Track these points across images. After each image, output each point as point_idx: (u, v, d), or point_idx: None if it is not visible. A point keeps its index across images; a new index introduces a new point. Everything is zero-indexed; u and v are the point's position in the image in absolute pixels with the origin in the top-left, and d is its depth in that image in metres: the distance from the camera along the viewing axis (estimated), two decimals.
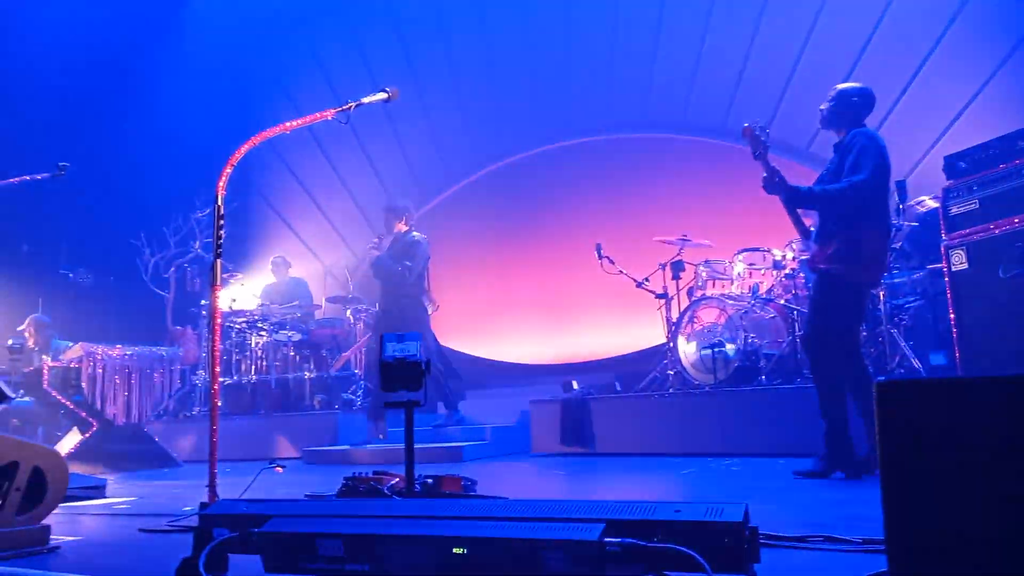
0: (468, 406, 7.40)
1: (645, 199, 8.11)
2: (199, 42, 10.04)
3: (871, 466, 3.48)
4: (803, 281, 5.45)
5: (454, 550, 1.50)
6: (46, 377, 6.06)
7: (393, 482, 2.93)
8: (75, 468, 3.64)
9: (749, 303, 5.58)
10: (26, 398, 6.20)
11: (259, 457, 6.57)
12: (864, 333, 4.88)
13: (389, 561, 1.56)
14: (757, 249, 5.89)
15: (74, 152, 5.63)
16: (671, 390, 5.61)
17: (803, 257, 5.40)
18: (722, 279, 6.10)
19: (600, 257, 6.29)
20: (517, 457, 5.81)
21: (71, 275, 9.11)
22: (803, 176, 4.12)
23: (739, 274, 5.95)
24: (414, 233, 6.22)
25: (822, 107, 3.79)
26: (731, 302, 5.58)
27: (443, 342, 8.91)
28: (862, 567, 1.52)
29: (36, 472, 2.43)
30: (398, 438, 5.66)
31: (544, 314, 8.67)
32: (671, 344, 5.84)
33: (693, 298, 5.95)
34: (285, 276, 8.45)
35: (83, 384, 6.11)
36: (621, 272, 6.31)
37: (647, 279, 6.28)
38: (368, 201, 10.00)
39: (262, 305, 7.98)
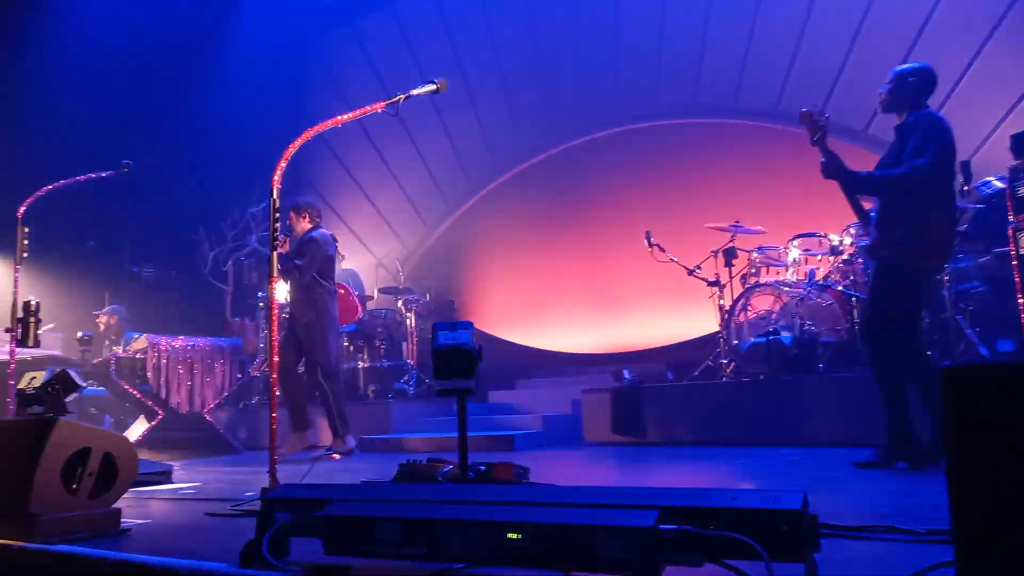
0: (519, 395, 7.44)
1: (695, 185, 7.98)
2: (252, 40, 10.26)
3: (935, 456, 3.38)
4: (862, 267, 5.30)
5: (508, 535, 1.52)
6: (114, 367, 6.31)
7: (447, 469, 2.97)
8: (143, 454, 3.79)
9: (805, 290, 5.45)
10: (98, 387, 6.47)
11: (315, 444, 6.72)
12: (927, 320, 4.73)
13: (445, 545, 1.59)
14: (813, 234, 5.74)
15: (136, 151, 5.81)
16: (724, 379, 5.53)
17: (862, 242, 5.25)
18: (776, 265, 5.98)
19: (650, 245, 6.23)
20: (569, 446, 5.81)
21: (135, 270, 9.47)
22: (861, 159, 4.00)
23: (794, 260, 5.82)
24: (317, 232, 5.68)
25: (880, 91, 3.67)
26: (786, 289, 5.46)
27: (493, 332, 8.99)
28: (926, 558, 1.48)
29: (107, 458, 2.53)
30: (451, 427, 5.73)
31: (594, 303, 8.63)
32: (724, 332, 5.76)
33: (746, 285, 5.85)
34: (338, 268, 8.61)
35: (149, 374, 6.34)
36: (672, 260, 6.24)
37: (699, 267, 6.20)
38: (418, 192, 10.09)
39: None
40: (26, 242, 4.48)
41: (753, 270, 5.99)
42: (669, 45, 8.31)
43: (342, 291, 6.11)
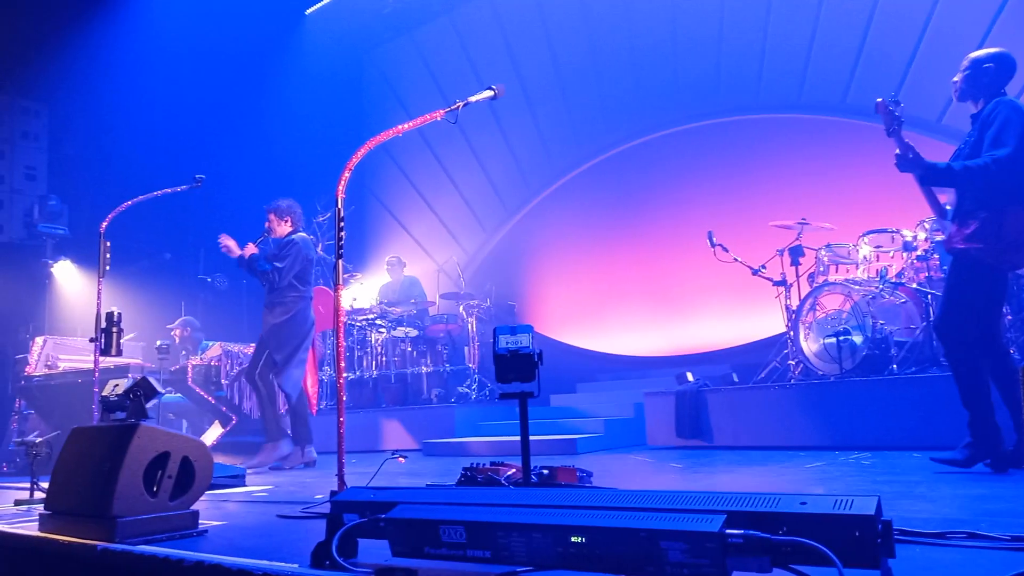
0: (581, 399, 7.41)
1: (759, 183, 7.81)
2: (315, 54, 10.55)
3: (1019, 459, 3.22)
4: (938, 263, 5.09)
5: (572, 539, 1.52)
6: (190, 375, 6.56)
7: (509, 472, 2.98)
8: (217, 459, 3.93)
9: (877, 288, 5.27)
10: (176, 395, 6.74)
11: (381, 449, 6.85)
12: (1009, 317, 4.51)
13: (509, 548, 1.60)
14: (884, 230, 5.54)
15: (207, 165, 6.06)
16: (793, 381, 5.39)
17: (938, 238, 5.05)
18: (846, 263, 5.79)
19: (712, 245, 6.12)
20: (632, 449, 5.76)
21: (209, 280, 9.84)
22: (936, 151, 3.85)
23: (864, 257, 5.63)
24: (297, 235, 5.60)
25: (955, 79, 3.52)
26: (857, 287, 5.29)
27: (553, 336, 8.99)
28: (1010, 566, 1.41)
29: (185, 461, 2.63)
30: (513, 431, 5.74)
31: (656, 305, 8.53)
32: (791, 333, 5.61)
33: (814, 284, 5.68)
34: (400, 275, 8.76)
35: (223, 381, 6.57)
36: (735, 260, 6.12)
37: (764, 266, 6.06)
38: (477, 198, 10.18)
39: (380, 303, 8.30)
40: (108, 256, 4.70)
41: (821, 268, 5.82)
42: (729, 41, 8.16)
43: (325, 296, 6.01)
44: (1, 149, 10.24)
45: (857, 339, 5.09)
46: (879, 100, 3.45)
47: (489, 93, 3.30)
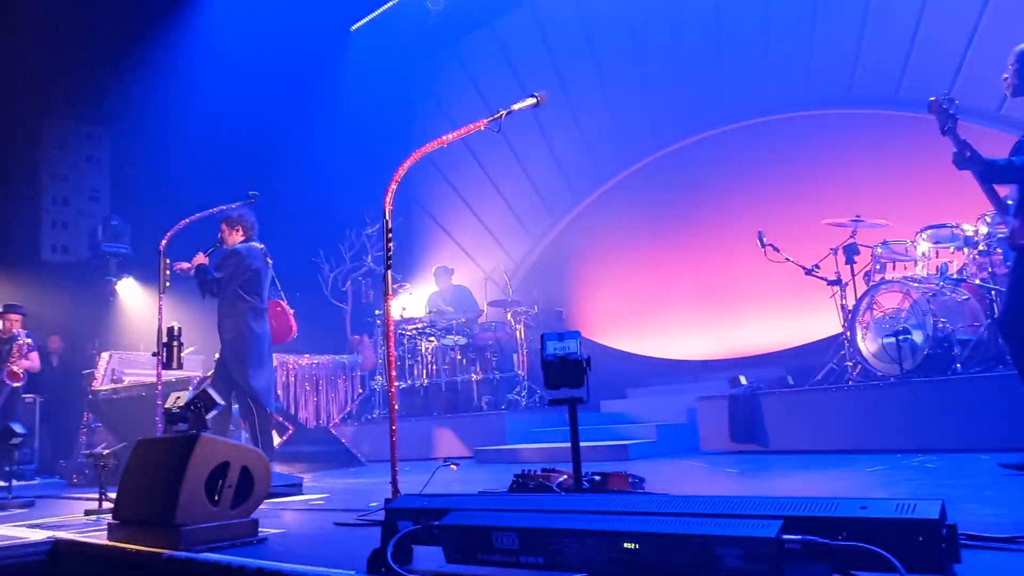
0: (631, 404, 7.35)
1: (809, 181, 7.64)
2: (361, 70, 10.76)
3: None
4: (1001, 258, 4.90)
5: (626, 545, 1.51)
6: None
7: (561, 479, 2.98)
8: (275, 468, 4.02)
9: (937, 285, 5.10)
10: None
11: (433, 456, 6.91)
12: None
13: (562, 555, 1.60)
14: (944, 225, 5.36)
15: (259, 182, 6.22)
16: (851, 383, 5.25)
17: (1001, 232, 4.86)
18: (903, 260, 5.62)
19: (763, 245, 6.01)
20: (685, 455, 5.68)
21: None
22: (998, 142, 3.72)
23: (923, 254, 5.45)
24: (244, 244, 5.24)
25: (1005, 76, 3.41)
26: (915, 285, 5.13)
27: (602, 341, 8.94)
28: None
29: (244, 471, 2.70)
30: (563, 437, 5.73)
31: (706, 308, 8.41)
32: (848, 333, 5.47)
33: (871, 283, 5.53)
34: (448, 284, 8.84)
35: (279, 392, 6.72)
36: (787, 260, 5.99)
37: (817, 265, 5.92)
38: (522, 205, 10.21)
39: (429, 312, 8.39)
40: (168, 272, 4.86)
41: (878, 266, 5.66)
42: (775, 37, 8.02)
43: (279, 308, 5.64)
44: (67, 173, 10.72)
45: (917, 338, 4.93)
46: (932, 99, 3.36)
47: (532, 100, 3.31)
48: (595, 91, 9.43)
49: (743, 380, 5.69)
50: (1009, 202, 3.39)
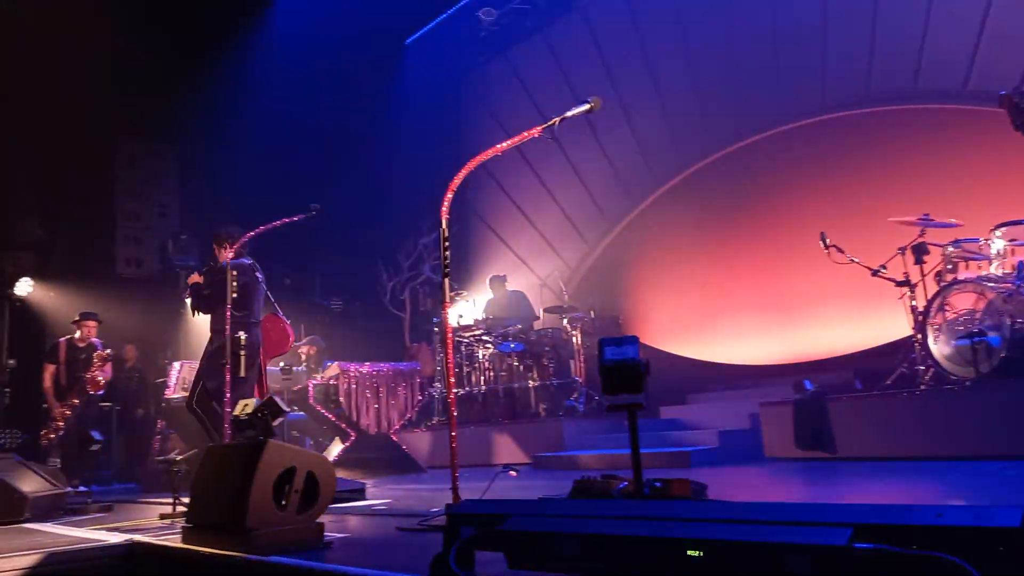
0: (692, 410, 7.23)
1: (874, 179, 7.40)
2: (416, 81, 10.93)
3: None
4: None
5: (689, 552, 1.49)
6: (311, 394, 6.89)
7: (621, 486, 2.95)
8: (338, 474, 4.09)
9: (1014, 284, 4.87)
10: (298, 412, 7.10)
11: (492, 463, 6.93)
12: None
13: (624, 562, 1.59)
14: (1020, 222, 5.12)
15: (320, 194, 6.39)
16: (923, 387, 5.05)
17: None
18: (977, 259, 5.38)
19: (826, 247, 5.84)
20: (749, 462, 5.56)
21: (325, 303, 10.34)
22: None
23: (998, 252, 5.21)
24: (236, 260, 5.36)
25: None
26: (991, 284, 4.90)
27: (661, 346, 8.83)
28: None
29: (310, 476, 2.77)
30: (623, 444, 5.68)
31: (768, 312, 8.22)
32: (919, 336, 5.27)
33: (942, 283, 5.32)
34: (503, 291, 8.88)
35: (341, 399, 6.87)
36: (852, 261, 5.81)
37: (884, 266, 5.71)
38: (577, 211, 10.18)
39: (485, 319, 8.44)
40: (235, 284, 5.01)
41: (948, 266, 5.44)
42: (834, 32, 7.82)
43: (277, 323, 5.73)
44: (138, 190, 11.18)
45: (994, 340, 4.71)
46: (1003, 93, 3.23)
47: (586, 107, 3.31)
48: (649, 94, 9.35)
49: (808, 385, 5.54)
50: None
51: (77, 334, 7.00)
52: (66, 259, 10.56)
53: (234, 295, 5.04)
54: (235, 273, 5.09)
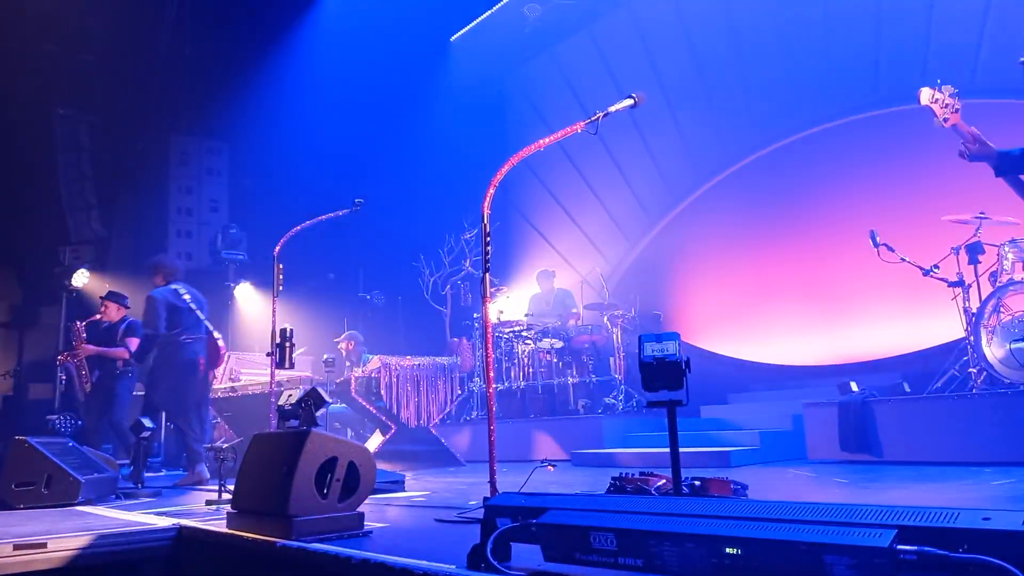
0: (733, 410, 7.14)
1: (927, 176, 7.19)
2: (460, 77, 10.97)
3: None
4: None
5: (727, 550, 1.48)
6: (353, 386, 6.98)
7: (659, 483, 2.94)
8: (378, 465, 4.15)
9: None
10: (341, 405, 7.20)
11: (530, 458, 6.94)
12: None
13: (661, 557, 1.58)
14: None
15: (364, 189, 6.48)
16: (975, 390, 4.90)
17: None
18: None
19: (876, 245, 5.70)
20: (791, 463, 5.47)
21: (368, 297, 10.48)
22: None
23: None
24: (158, 288, 6.10)
25: None
26: None
27: (702, 345, 8.72)
28: None
29: (351, 466, 2.81)
30: (661, 441, 5.63)
31: (813, 311, 8.06)
32: (972, 338, 5.11)
33: (998, 284, 5.15)
34: (551, 287, 8.88)
35: (382, 391, 6.95)
36: (903, 260, 5.67)
37: (936, 266, 5.56)
38: (619, 208, 10.12)
39: (527, 315, 8.45)
40: (281, 277, 5.13)
41: (1005, 266, 5.26)
42: (888, 23, 7.61)
43: (212, 340, 6.32)
44: (190, 185, 11.48)
45: None
46: (923, 90, 3.26)
47: (629, 102, 3.29)
48: (695, 90, 9.24)
49: (854, 386, 5.42)
50: None
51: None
52: (122, 252, 10.91)
53: (163, 318, 5.92)
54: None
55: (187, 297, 6.09)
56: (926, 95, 3.23)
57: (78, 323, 6.93)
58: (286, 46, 10.60)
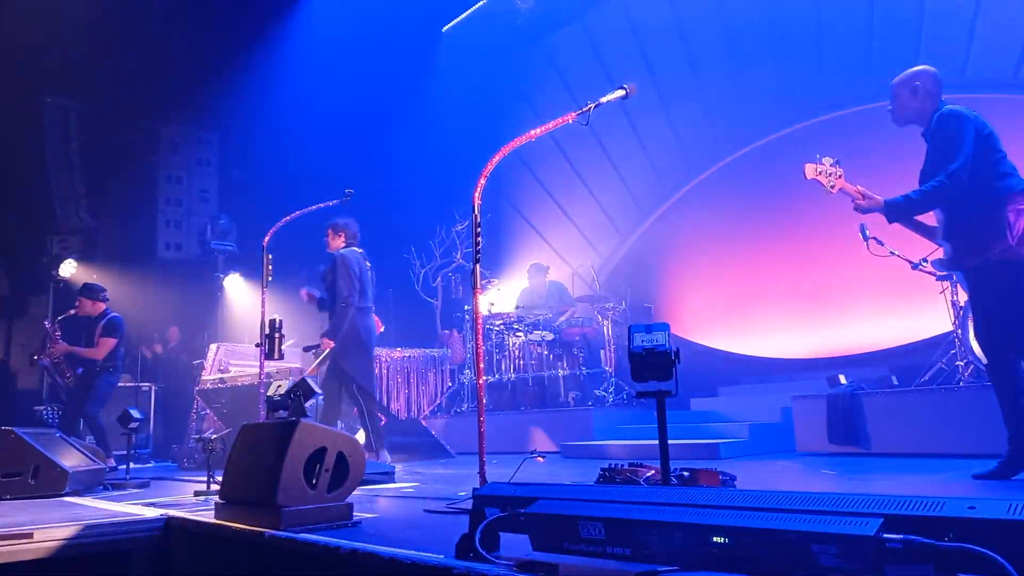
0: (723, 403, 7.17)
1: (917, 170, 7.21)
2: (451, 68, 10.93)
3: None
4: None
5: (715, 539, 1.48)
6: None
7: (648, 474, 2.94)
8: (368, 457, 4.15)
9: None
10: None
11: (520, 450, 6.95)
12: None
13: (649, 547, 1.58)
14: None
15: (354, 180, 6.46)
16: (962, 383, 4.94)
17: None
18: None
19: (865, 239, 5.72)
20: (780, 455, 5.50)
21: None
22: None
23: None
24: (350, 249, 6.01)
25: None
26: None
27: (692, 338, 8.75)
28: None
29: (340, 457, 2.81)
30: (651, 433, 5.64)
31: (802, 305, 8.09)
32: (959, 332, 5.15)
33: None
34: (543, 281, 8.88)
35: None
36: (892, 253, 5.69)
37: (925, 259, 5.59)
38: (610, 200, 10.12)
39: (517, 308, 8.44)
40: (270, 268, 5.09)
41: None
42: (880, 16, 7.62)
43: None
44: (180, 175, 11.41)
45: None
46: (808, 165, 3.47)
47: (620, 92, 3.28)
48: (687, 83, 9.24)
49: (842, 379, 5.46)
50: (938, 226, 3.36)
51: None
52: (110, 242, 10.83)
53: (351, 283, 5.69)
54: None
55: (368, 264, 5.90)
56: (810, 171, 3.44)
57: (47, 323, 6.86)
58: (277, 36, 10.53)
